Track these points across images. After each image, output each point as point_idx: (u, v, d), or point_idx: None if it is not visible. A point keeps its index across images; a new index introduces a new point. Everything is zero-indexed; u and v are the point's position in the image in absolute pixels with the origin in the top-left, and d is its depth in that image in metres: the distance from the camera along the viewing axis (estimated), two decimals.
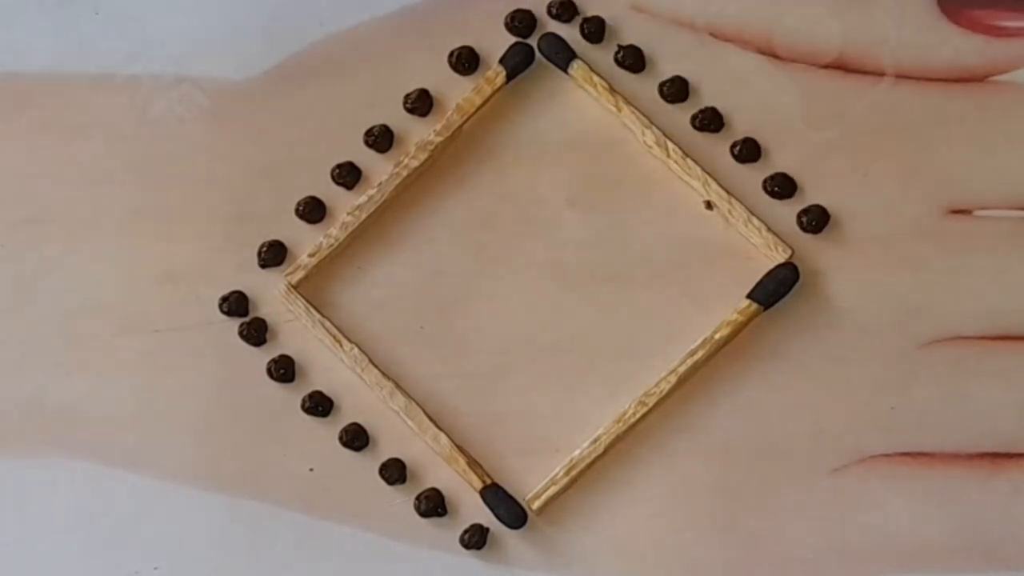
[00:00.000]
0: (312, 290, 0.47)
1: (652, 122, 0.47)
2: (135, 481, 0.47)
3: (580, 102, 0.48)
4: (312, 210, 0.48)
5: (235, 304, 0.47)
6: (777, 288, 0.47)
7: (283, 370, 0.47)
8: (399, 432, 0.47)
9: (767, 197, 0.48)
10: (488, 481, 0.46)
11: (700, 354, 0.47)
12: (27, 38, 0.49)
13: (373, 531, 0.47)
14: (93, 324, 0.48)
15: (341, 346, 0.47)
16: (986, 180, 0.48)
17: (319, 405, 0.47)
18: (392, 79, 0.48)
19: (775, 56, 0.48)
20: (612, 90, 0.47)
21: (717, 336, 0.47)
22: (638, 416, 0.46)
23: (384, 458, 0.47)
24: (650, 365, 0.47)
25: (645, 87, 0.48)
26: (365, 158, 0.48)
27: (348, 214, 0.47)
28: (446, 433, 0.46)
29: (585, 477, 0.46)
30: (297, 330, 0.47)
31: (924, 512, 0.46)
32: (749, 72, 0.48)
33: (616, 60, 0.48)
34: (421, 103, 0.48)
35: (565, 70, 0.48)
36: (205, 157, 0.48)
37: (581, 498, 0.47)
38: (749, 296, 0.47)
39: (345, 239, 0.47)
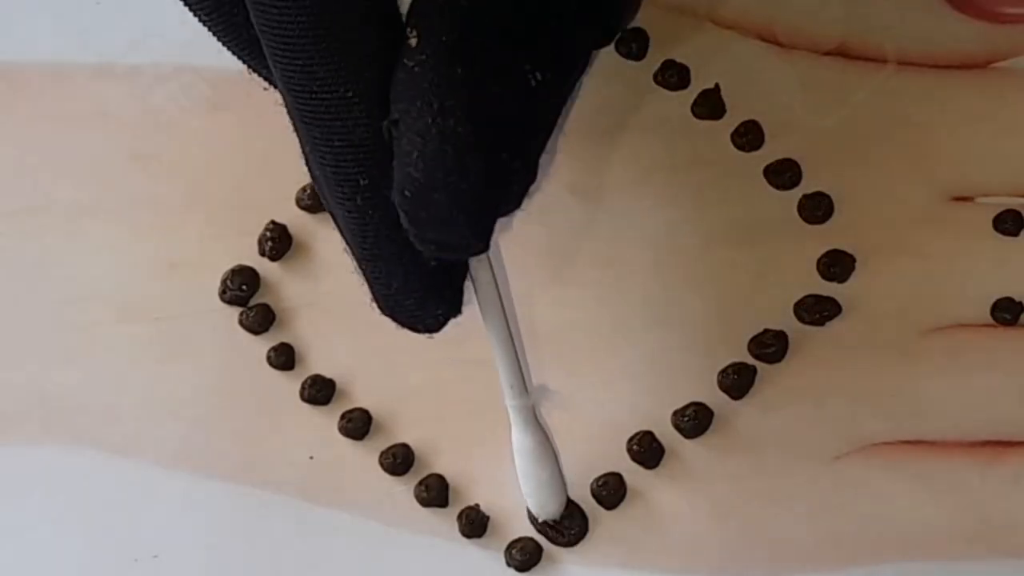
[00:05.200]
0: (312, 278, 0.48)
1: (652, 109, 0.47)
2: (134, 468, 0.47)
3: (582, 88, 0.48)
4: (313, 199, 0.48)
5: (235, 292, 0.47)
6: None
7: (283, 358, 0.47)
8: (400, 420, 0.47)
9: (768, 185, 0.48)
10: None
11: None
12: (26, 27, 0.49)
13: (373, 519, 0.47)
14: (93, 312, 0.48)
15: None
16: (988, 167, 0.47)
17: (319, 393, 0.47)
18: None
19: (777, 43, 0.48)
20: None
21: None
22: None
23: (384, 446, 0.47)
24: (652, 353, 0.47)
25: (645, 74, 0.48)
26: None
27: None
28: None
29: None
30: (298, 318, 0.47)
31: (925, 500, 0.46)
32: (750, 59, 0.48)
33: (616, 48, 0.48)
34: None
35: None
36: (206, 146, 0.48)
37: None
38: None
39: None
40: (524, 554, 0.46)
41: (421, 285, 0.36)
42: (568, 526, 0.46)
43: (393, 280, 0.36)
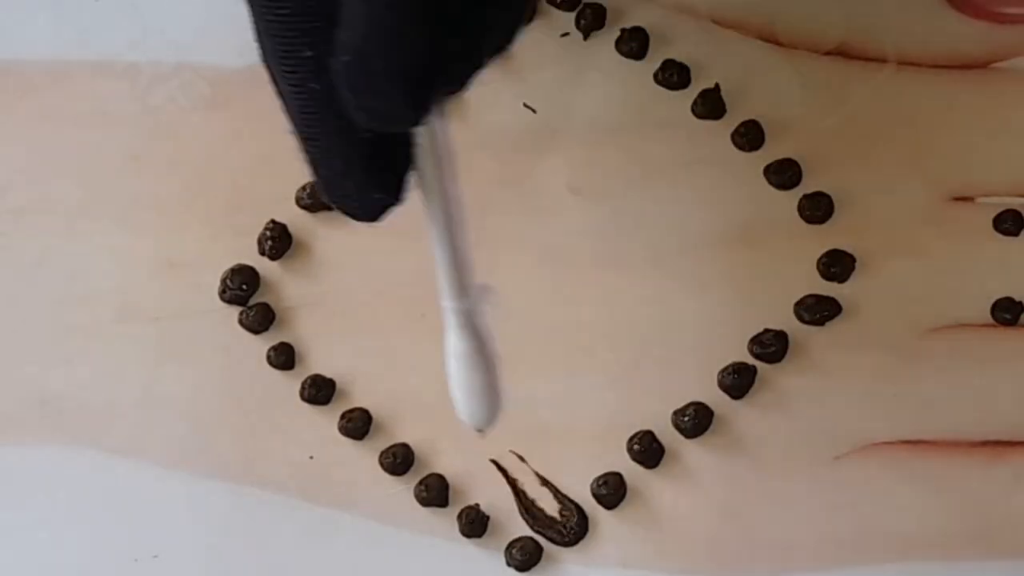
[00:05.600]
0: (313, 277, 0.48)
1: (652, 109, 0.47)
2: (134, 468, 0.47)
3: (582, 88, 0.48)
4: (313, 198, 0.48)
5: (235, 292, 0.47)
6: None
7: (283, 357, 0.47)
8: (399, 420, 0.47)
9: (768, 185, 0.48)
10: None
11: None
12: (26, 26, 0.49)
13: (373, 519, 0.46)
14: (93, 312, 0.47)
15: None
16: (988, 167, 0.47)
17: (319, 393, 0.47)
18: None
19: (777, 43, 0.48)
20: None
21: None
22: None
23: (384, 446, 0.47)
24: (652, 353, 0.47)
25: (645, 74, 0.48)
26: None
27: None
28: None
29: None
30: (298, 317, 0.47)
31: (925, 500, 0.46)
32: (750, 59, 0.48)
33: (616, 47, 0.48)
34: None
35: None
36: (205, 145, 0.48)
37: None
38: None
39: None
40: (524, 554, 0.46)
41: (363, 168, 0.35)
42: (568, 526, 0.46)
43: (334, 160, 0.35)
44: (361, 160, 0.35)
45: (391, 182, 0.35)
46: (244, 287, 0.47)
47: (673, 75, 0.48)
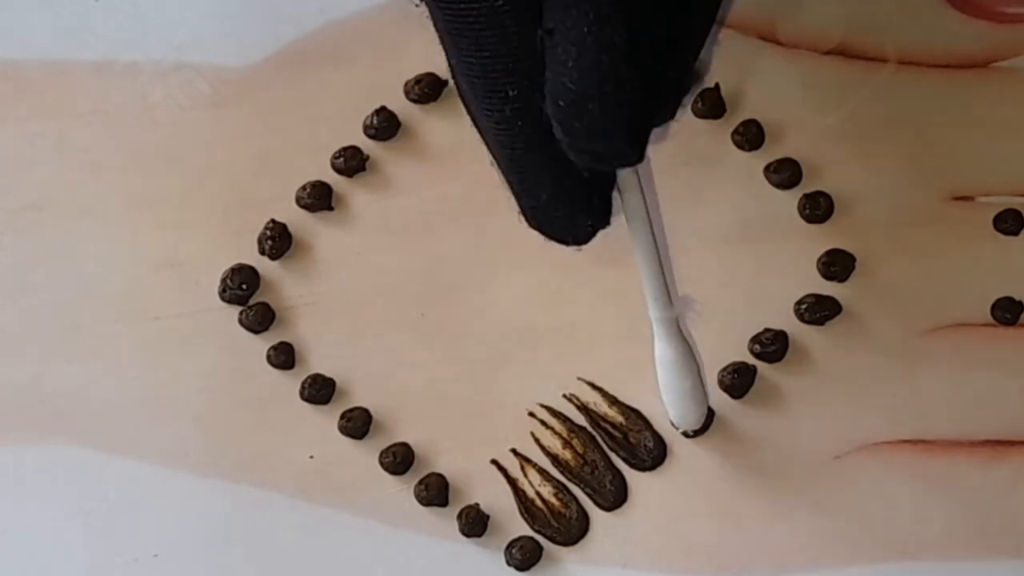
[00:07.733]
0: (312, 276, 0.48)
1: None
2: (134, 468, 0.47)
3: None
4: (313, 197, 0.48)
5: (235, 292, 0.47)
6: None
7: (283, 357, 0.47)
8: (399, 419, 0.47)
9: (768, 185, 0.48)
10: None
11: None
12: (26, 24, 0.49)
13: (373, 519, 0.46)
14: (92, 311, 0.48)
15: None
16: (989, 166, 0.47)
17: (319, 392, 0.47)
18: (394, 65, 0.48)
19: (777, 42, 0.48)
20: None
21: None
22: None
23: (384, 446, 0.47)
24: (652, 352, 0.47)
25: None
26: (366, 145, 0.48)
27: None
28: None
29: None
30: (298, 317, 0.47)
31: (925, 499, 0.46)
32: (750, 59, 0.48)
33: None
34: (425, 89, 0.48)
35: None
36: (205, 144, 0.48)
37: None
38: None
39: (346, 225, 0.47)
40: (524, 553, 0.46)
41: (570, 196, 0.35)
42: (568, 525, 0.46)
43: (542, 192, 0.35)
44: (571, 191, 0.35)
45: (598, 207, 0.36)
46: (244, 287, 0.47)
47: None
